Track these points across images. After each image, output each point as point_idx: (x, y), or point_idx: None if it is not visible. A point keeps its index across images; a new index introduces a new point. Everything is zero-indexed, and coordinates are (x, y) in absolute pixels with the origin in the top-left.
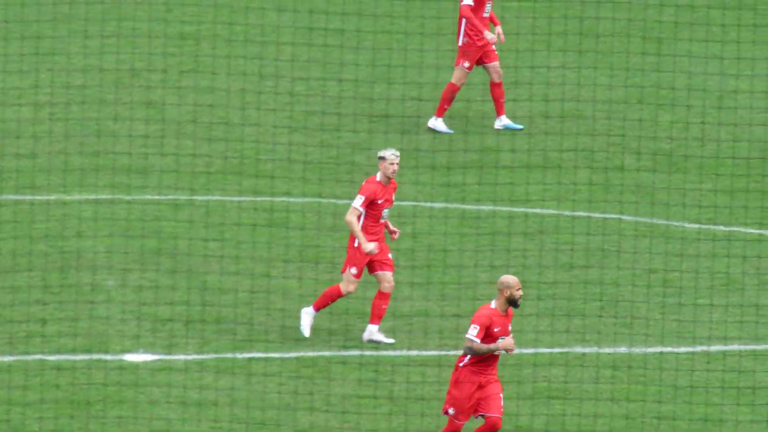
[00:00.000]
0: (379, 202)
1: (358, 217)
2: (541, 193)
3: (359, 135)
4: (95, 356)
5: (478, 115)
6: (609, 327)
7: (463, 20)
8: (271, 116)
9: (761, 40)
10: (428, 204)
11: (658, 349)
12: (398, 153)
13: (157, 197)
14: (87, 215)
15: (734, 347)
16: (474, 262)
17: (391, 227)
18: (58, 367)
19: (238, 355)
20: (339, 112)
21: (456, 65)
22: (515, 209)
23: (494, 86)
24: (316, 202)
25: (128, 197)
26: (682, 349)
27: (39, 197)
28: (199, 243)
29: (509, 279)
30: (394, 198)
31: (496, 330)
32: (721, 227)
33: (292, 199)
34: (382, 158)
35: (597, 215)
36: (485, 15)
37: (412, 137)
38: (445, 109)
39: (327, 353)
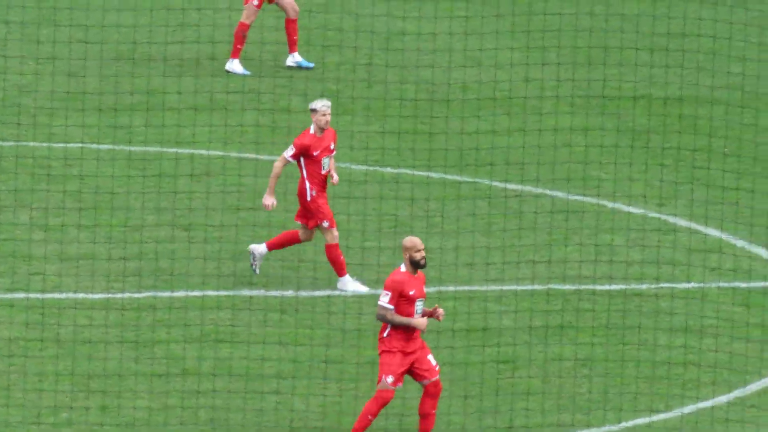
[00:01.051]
0: (315, 153)
1: (281, 166)
2: (207, 135)
3: (25, 77)
4: None
5: (145, 57)
6: (276, 270)
7: None
8: None
9: None
10: (95, 146)
11: (326, 292)
12: (329, 103)
13: None
14: None
15: None
16: (141, 204)
17: (332, 173)
18: None
19: None
20: (5, 55)
21: (245, 3)
22: (181, 151)
23: (289, 22)
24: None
25: None
26: (350, 293)
27: None
28: None
29: (406, 241)
30: (334, 146)
31: (411, 293)
32: (389, 169)
33: None
34: (314, 110)
35: (264, 157)
36: None
37: (79, 79)
38: (239, 50)
39: None
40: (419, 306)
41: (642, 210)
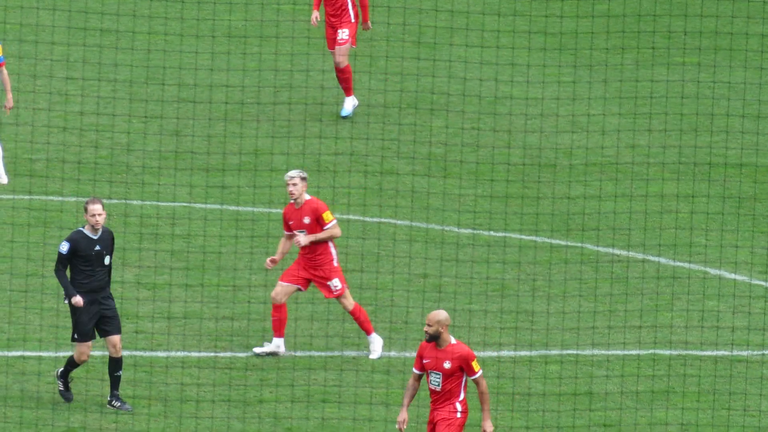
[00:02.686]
0: (290, 223)
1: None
2: (315, 196)
3: (131, 136)
4: None
5: (251, 117)
6: (383, 332)
7: None
8: (44, 116)
9: (535, 47)
10: (201, 205)
11: None
12: (292, 175)
13: None
14: None
15: (507, 353)
16: (247, 264)
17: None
18: None
19: (10, 354)
20: (113, 113)
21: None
22: None
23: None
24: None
25: None
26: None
27: None
28: None
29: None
30: (306, 221)
31: (424, 361)
32: (496, 233)
33: (64, 199)
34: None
35: (371, 219)
36: None
37: (186, 138)
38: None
39: (98, 353)
40: (432, 377)
41: (746, 277)
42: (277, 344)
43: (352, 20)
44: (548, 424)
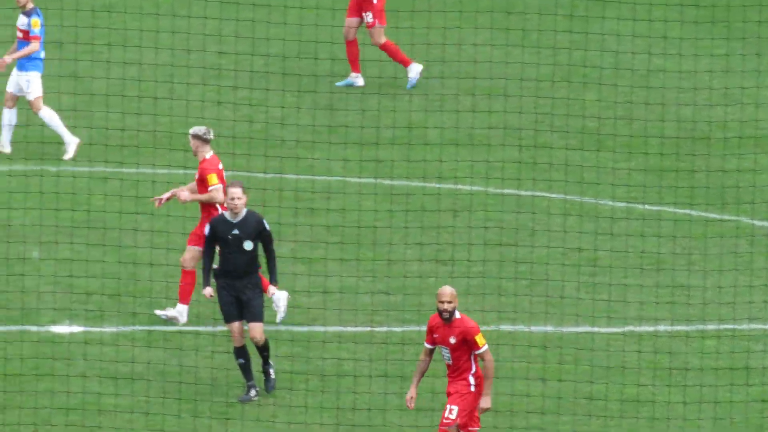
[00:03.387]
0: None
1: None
2: (469, 170)
3: (285, 110)
4: (23, 328)
5: (404, 91)
6: (539, 306)
7: None
8: (198, 90)
9: (687, 19)
10: (356, 179)
11: (588, 328)
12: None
13: (85, 170)
14: (16, 187)
15: (664, 328)
16: (402, 238)
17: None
18: None
19: (168, 329)
20: (266, 88)
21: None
22: (443, 186)
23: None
24: (244, 177)
25: (55, 169)
26: (612, 329)
27: None
28: (128, 217)
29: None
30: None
31: (435, 336)
32: (651, 206)
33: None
34: None
35: (525, 193)
36: None
37: (339, 113)
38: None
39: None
40: (443, 351)
41: None
42: (180, 310)
43: (374, 1)
44: (705, 398)
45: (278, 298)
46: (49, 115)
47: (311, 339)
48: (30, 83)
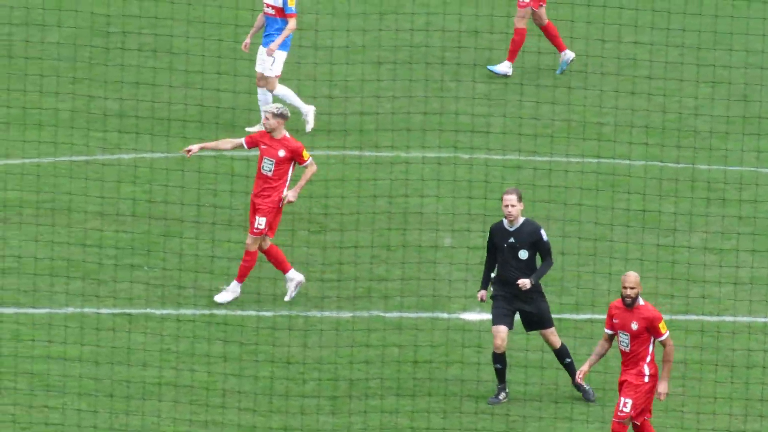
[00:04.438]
0: None
1: None
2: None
3: (699, 101)
4: (434, 315)
5: None
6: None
7: None
8: (612, 80)
9: None
10: None
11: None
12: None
13: (498, 158)
14: (429, 174)
15: None
16: None
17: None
18: (399, 326)
19: (578, 317)
20: (680, 78)
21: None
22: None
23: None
24: (657, 166)
25: (467, 156)
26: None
27: (382, 154)
28: (540, 205)
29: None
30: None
31: (615, 321)
32: None
33: (632, 163)
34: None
35: None
36: None
37: (753, 104)
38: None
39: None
40: (621, 337)
41: None
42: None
43: None
44: None
45: (291, 278)
46: (284, 92)
47: (721, 329)
48: (275, 61)
